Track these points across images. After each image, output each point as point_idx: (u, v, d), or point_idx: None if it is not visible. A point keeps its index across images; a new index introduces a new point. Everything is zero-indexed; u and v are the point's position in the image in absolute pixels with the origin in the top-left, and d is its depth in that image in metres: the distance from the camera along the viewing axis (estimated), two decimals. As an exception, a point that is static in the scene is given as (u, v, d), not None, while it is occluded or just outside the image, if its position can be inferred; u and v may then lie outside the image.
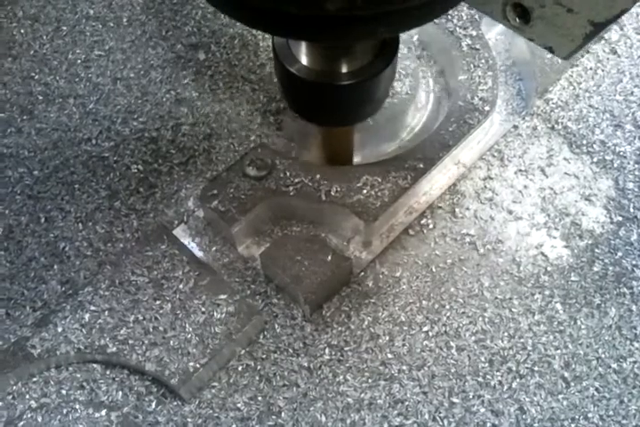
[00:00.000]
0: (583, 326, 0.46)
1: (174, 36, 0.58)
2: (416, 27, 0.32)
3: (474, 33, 0.53)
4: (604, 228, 0.50)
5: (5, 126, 0.54)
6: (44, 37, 0.58)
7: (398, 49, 0.38)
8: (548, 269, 0.48)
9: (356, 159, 0.53)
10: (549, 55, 0.55)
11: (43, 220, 0.50)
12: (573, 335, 0.46)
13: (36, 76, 0.56)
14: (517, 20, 0.33)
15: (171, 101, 0.55)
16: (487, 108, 0.50)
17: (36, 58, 0.57)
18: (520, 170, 0.52)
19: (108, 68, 0.57)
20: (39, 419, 0.42)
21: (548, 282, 0.48)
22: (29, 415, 0.42)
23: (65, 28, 0.59)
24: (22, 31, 0.59)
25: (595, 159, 0.53)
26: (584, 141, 0.53)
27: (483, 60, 0.52)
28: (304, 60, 0.37)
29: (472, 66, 0.52)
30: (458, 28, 0.54)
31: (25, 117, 0.54)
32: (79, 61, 0.57)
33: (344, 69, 0.37)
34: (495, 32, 0.57)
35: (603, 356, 0.45)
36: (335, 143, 0.48)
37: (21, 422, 0.42)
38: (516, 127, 0.54)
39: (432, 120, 0.54)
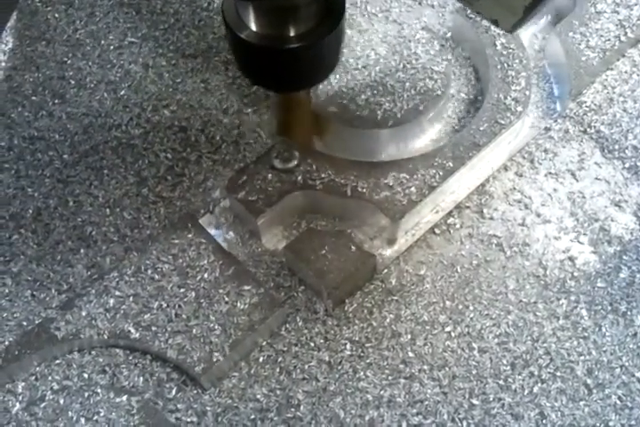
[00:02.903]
0: (608, 334, 0.45)
1: (207, 25, 0.58)
2: None
3: (509, 32, 0.53)
4: (632, 234, 0.49)
5: (37, 109, 0.54)
6: (78, 22, 0.58)
7: (344, 12, 0.39)
8: (575, 274, 0.48)
9: (384, 156, 0.52)
10: (584, 57, 0.55)
11: (71, 203, 0.50)
12: (597, 342, 0.45)
13: (69, 61, 0.57)
14: None
15: (201, 91, 0.55)
16: (519, 109, 0.49)
17: (69, 42, 0.58)
18: (550, 173, 0.51)
19: (141, 56, 0.57)
20: (61, 401, 0.42)
21: (574, 287, 0.47)
22: (51, 397, 0.42)
23: (99, 13, 0.59)
24: (57, 15, 0.59)
25: (626, 165, 0.52)
26: (616, 146, 0.52)
27: (517, 60, 0.52)
28: (253, 25, 0.39)
29: (505, 65, 0.51)
30: (492, 27, 0.53)
31: (56, 101, 0.55)
32: (112, 47, 0.57)
33: (291, 33, 0.39)
34: (530, 32, 0.57)
35: (627, 364, 0.44)
36: (291, 112, 0.48)
37: (43, 404, 0.42)
38: (547, 129, 0.53)
39: (463, 119, 0.53)
